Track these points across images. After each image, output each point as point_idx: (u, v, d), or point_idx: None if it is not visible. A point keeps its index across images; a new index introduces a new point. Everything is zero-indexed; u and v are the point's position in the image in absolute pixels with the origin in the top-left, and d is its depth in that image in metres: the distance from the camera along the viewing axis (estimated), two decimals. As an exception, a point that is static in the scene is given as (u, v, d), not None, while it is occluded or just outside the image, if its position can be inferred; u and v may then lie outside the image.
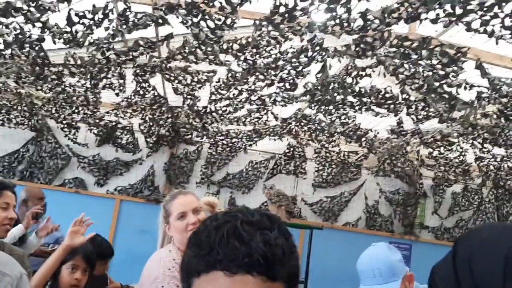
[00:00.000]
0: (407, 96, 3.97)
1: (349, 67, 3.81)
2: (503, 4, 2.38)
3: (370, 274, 2.14)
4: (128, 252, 5.54)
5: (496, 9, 2.43)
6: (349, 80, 3.93)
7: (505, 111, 3.65)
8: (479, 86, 3.35)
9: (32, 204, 3.75)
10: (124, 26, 3.10)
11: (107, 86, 4.55)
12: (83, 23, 3.07)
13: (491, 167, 6.20)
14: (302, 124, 5.59)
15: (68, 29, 3.14)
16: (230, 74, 3.98)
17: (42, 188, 5.40)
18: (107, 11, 2.95)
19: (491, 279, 0.90)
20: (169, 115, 5.73)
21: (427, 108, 4.05)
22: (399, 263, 2.14)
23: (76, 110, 5.73)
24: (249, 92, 4.43)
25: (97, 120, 6.14)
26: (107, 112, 5.81)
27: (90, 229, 2.63)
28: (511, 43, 2.69)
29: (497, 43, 2.67)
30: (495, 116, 3.90)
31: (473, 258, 0.95)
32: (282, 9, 2.61)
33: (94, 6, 2.94)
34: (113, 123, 6.28)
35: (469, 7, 2.44)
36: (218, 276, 0.77)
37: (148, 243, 2.41)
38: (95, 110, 5.66)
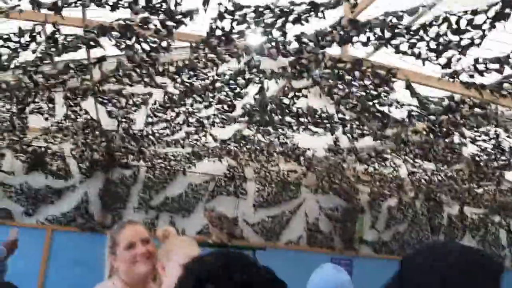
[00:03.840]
0: (343, 116, 4.08)
1: (286, 88, 3.87)
2: (428, 28, 2.51)
3: None
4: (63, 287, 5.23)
5: (421, 33, 2.56)
6: (286, 101, 3.98)
7: (433, 127, 3.84)
8: (409, 105, 3.51)
9: None
10: (53, 49, 2.95)
11: (35, 110, 4.31)
12: (8, 46, 2.89)
13: (423, 181, 6.49)
14: (241, 145, 5.59)
15: (-8, 51, 2.95)
16: (166, 97, 3.91)
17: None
18: (34, 34, 2.80)
19: None
20: (103, 139, 5.52)
21: (361, 127, 4.18)
22: (349, 285, 2.16)
23: (1, 136, 5.38)
24: (187, 114, 4.37)
25: (24, 146, 5.78)
26: (36, 138, 5.50)
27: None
28: (436, 64, 2.84)
29: (423, 64, 2.80)
30: (424, 132, 4.09)
31: (416, 282, 0.97)
32: (218, 32, 2.60)
33: (20, 28, 2.78)
34: (43, 149, 5.95)
35: (397, 31, 2.55)
36: None
37: (85, 276, 2.25)
38: (22, 135, 5.33)
